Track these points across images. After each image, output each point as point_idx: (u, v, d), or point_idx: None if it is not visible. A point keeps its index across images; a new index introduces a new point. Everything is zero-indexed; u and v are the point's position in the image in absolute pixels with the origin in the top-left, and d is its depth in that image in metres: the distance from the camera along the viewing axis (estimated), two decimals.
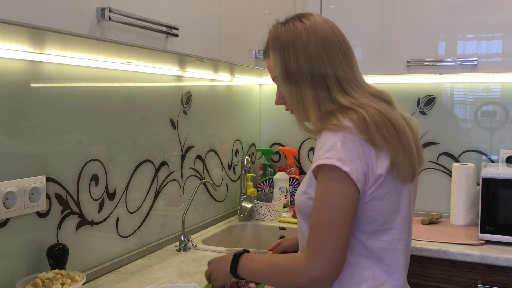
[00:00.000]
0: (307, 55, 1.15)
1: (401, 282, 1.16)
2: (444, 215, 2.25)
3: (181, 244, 1.84)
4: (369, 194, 1.08)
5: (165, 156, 1.89)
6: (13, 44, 1.17)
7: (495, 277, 1.76)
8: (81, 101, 1.49)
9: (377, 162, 1.07)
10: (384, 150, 1.08)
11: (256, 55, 1.80)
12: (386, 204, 1.10)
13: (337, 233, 1.01)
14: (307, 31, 1.16)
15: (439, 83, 2.34)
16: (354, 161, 1.03)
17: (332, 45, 1.16)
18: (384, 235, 1.12)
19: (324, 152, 1.05)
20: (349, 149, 1.04)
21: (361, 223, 1.10)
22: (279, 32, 1.20)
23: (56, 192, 1.41)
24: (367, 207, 1.09)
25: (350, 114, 1.08)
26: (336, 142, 1.04)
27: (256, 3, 1.84)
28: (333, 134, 1.06)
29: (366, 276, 1.12)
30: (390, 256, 1.13)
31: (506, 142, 2.24)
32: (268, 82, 2.68)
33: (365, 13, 2.16)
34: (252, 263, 1.17)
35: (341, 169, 1.02)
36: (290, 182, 2.53)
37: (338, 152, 1.03)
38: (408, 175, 1.13)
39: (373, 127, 1.06)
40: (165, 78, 1.89)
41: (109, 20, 1.07)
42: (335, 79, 1.15)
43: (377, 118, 1.08)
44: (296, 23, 1.19)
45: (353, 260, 1.12)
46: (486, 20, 1.98)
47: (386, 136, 1.07)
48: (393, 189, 1.10)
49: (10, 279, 1.27)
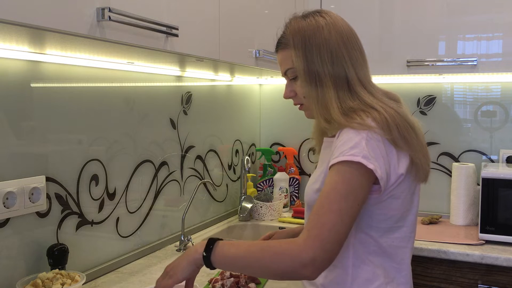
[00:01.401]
0: (329, 50, 1.15)
1: (408, 279, 1.18)
2: (444, 215, 2.25)
3: (181, 244, 1.84)
4: (388, 192, 1.09)
5: (165, 156, 1.89)
6: (13, 44, 1.17)
7: (495, 277, 1.76)
8: (81, 101, 1.49)
9: (398, 162, 1.09)
10: (405, 151, 1.10)
11: (256, 55, 1.80)
12: (402, 203, 1.12)
13: (341, 223, 0.98)
14: (328, 26, 1.17)
15: (439, 83, 2.34)
16: (378, 159, 1.04)
17: (350, 42, 1.18)
18: (396, 232, 1.14)
19: (348, 149, 1.04)
20: (373, 147, 1.04)
21: (375, 220, 1.11)
22: (301, 25, 1.18)
23: (56, 192, 1.41)
24: (383, 205, 1.10)
25: (372, 114, 1.09)
26: (361, 140, 1.04)
27: (256, 3, 1.84)
28: (356, 132, 1.06)
29: (378, 273, 1.13)
30: (400, 253, 1.15)
31: (506, 142, 2.24)
32: (268, 82, 2.68)
33: (365, 13, 2.16)
34: (233, 247, 1.06)
35: (366, 166, 1.02)
36: (290, 182, 2.53)
37: (363, 150, 1.03)
38: (425, 175, 1.16)
39: (394, 127, 1.08)
40: (165, 78, 1.89)
41: (109, 20, 1.07)
42: (355, 76, 1.15)
43: (397, 119, 1.09)
44: (317, 17, 1.19)
45: (366, 257, 1.13)
46: (486, 20, 1.98)
47: (406, 137, 1.09)
48: (408, 187, 1.13)
49: (10, 279, 1.27)
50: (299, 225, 1.75)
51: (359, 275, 1.12)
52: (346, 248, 1.13)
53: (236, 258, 1.05)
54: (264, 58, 1.82)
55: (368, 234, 1.12)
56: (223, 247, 1.06)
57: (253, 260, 1.02)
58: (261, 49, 1.80)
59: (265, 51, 1.81)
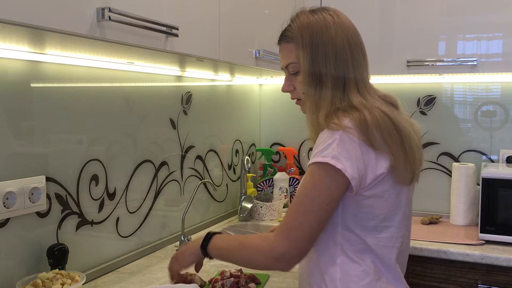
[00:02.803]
0: (334, 51, 1.16)
1: (397, 276, 1.17)
2: (444, 215, 2.25)
3: (181, 244, 1.84)
4: (368, 191, 1.09)
5: (165, 156, 1.89)
6: (13, 44, 1.17)
7: (495, 277, 1.76)
8: (81, 101, 1.49)
9: (377, 162, 1.08)
10: (384, 153, 1.09)
11: (256, 55, 1.80)
12: (385, 202, 1.12)
13: (309, 224, 1.06)
14: (336, 26, 1.17)
15: (439, 83, 2.34)
16: (350, 159, 1.05)
17: (354, 43, 1.18)
18: (383, 232, 1.14)
19: (320, 151, 1.08)
20: (345, 148, 1.06)
21: (360, 219, 1.12)
22: (310, 20, 1.18)
23: (56, 192, 1.41)
24: (367, 203, 1.11)
25: (352, 114, 1.09)
26: (333, 141, 1.07)
27: (256, 3, 1.84)
28: (331, 133, 1.08)
29: (367, 271, 1.14)
30: (387, 253, 1.15)
31: (506, 142, 2.24)
32: (268, 82, 2.68)
33: (365, 13, 2.16)
34: (223, 241, 1.19)
35: (334, 166, 1.05)
36: (290, 182, 2.53)
37: (333, 151, 1.06)
38: (406, 179, 1.15)
39: (373, 129, 1.07)
40: (165, 78, 1.89)
41: (109, 20, 1.06)
42: (353, 78, 1.16)
43: (380, 120, 1.09)
44: (325, 14, 1.19)
45: (354, 255, 1.14)
46: (486, 20, 1.98)
47: (386, 139, 1.09)
48: (392, 187, 1.12)
49: (10, 279, 1.27)
50: None
51: (349, 272, 1.14)
52: (334, 245, 1.14)
53: (225, 251, 1.18)
54: (264, 58, 1.82)
55: (354, 232, 1.13)
56: (217, 240, 1.19)
57: (235, 254, 1.16)
58: (261, 49, 1.80)
59: (265, 51, 1.81)
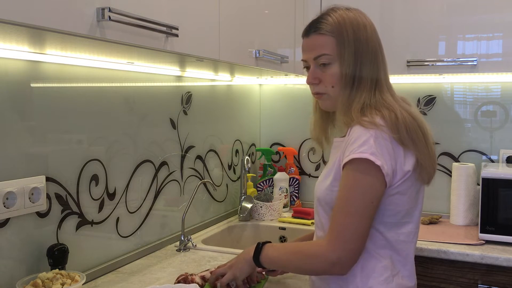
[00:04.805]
0: (372, 50, 1.20)
1: (411, 272, 1.23)
2: (444, 215, 2.25)
3: (181, 244, 1.84)
4: (395, 188, 1.14)
5: (165, 156, 1.89)
6: (13, 44, 1.17)
7: (495, 277, 1.76)
8: (81, 101, 1.49)
9: (405, 159, 1.13)
10: (411, 150, 1.14)
11: (256, 55, 1.80)
12: (408, 199, 1.16)
13: (359, 223, 1.09)
14: (370, 26, 1.22)
15: (439, 83, 2.34)
16: (385, 156, 1.10)
17: (379, 45, 1.23)
18: (403, 228, 1.18)
19: (357, 147, 1.10)
20: (380, 145, 1.09)
21: (383, 215, 1.16)
22: (349, 16, 1.21)
23: (56, 192, 1.41)
24: (391, 200, 1.15)
25: (383, 112, 1.13)
26: (369, 138, 1.10)
27: (256, 3, 1.84)
28: (365, 130, 1.11)
29: (386, 266, 1.18)
30: (406, 248, 1.20)
31: (506, 142, 2.24)
32: (268, 82, 2.68)
33: (365, 13, 2.15)
34: (275, 250, 1.24)
35: (374, 162, 1.08)
36: (290, 182, 2.53)
37: (371, 147, 1.09)
38: (428, 177, 1.20)
39: (403, 127, 1.12)
40: (165, 78, 1.89)
41: (109, 20, 1.06)
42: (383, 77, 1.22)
43: (408, 120, 1.14)
44: (359, 13, 1.23)
45: (374, 251, 1.17)
46: (486, 20, 1.98)
47: (414, 138, 1.13)
48: (414, 184, 1.17)
49: (10, 279, 1.27)
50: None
51: (368, 267, 1.17)
52: None
53: (278, 259, 1.24)
54: (264, 58, 1.82)
55: (377, 228, 1.17)
56: (268, 249, 1.25)
57: (289, 262, 1.21)
58: (261, 49, 1.80)
59: (265, 51, 1.81)
